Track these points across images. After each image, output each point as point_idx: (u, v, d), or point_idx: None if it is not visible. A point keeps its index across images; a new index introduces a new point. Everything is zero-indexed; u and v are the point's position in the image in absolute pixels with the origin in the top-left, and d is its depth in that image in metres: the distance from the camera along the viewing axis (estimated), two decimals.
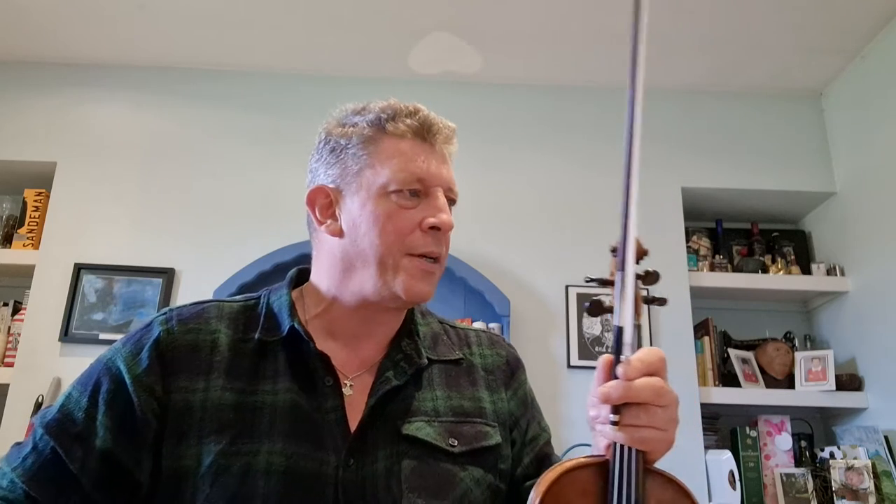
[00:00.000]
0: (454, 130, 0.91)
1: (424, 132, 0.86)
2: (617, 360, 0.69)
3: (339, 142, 0.88)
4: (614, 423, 0.67)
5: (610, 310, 0.72)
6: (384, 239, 0.82)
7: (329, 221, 0.87)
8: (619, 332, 0.70)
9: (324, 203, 0.88)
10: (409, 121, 0.86)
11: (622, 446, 0.68)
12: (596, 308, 0.73)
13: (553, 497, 0.67)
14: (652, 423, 0.68)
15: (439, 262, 0.86)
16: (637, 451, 0.68)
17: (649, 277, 0.78)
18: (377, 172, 0.84)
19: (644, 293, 0.77)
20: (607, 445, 0.70)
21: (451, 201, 0.88)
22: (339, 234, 0.86)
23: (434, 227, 0.83)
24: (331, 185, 0.88)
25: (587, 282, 0.80)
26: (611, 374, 0.69)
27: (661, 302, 0.80)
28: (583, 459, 0.70)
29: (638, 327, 0.74)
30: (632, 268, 0.71)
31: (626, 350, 0.70)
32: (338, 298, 0.87)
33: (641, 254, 0.79)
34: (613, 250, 0.73)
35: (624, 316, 0.70)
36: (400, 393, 0.84)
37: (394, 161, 0.84)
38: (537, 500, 0.67)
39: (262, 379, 0.81)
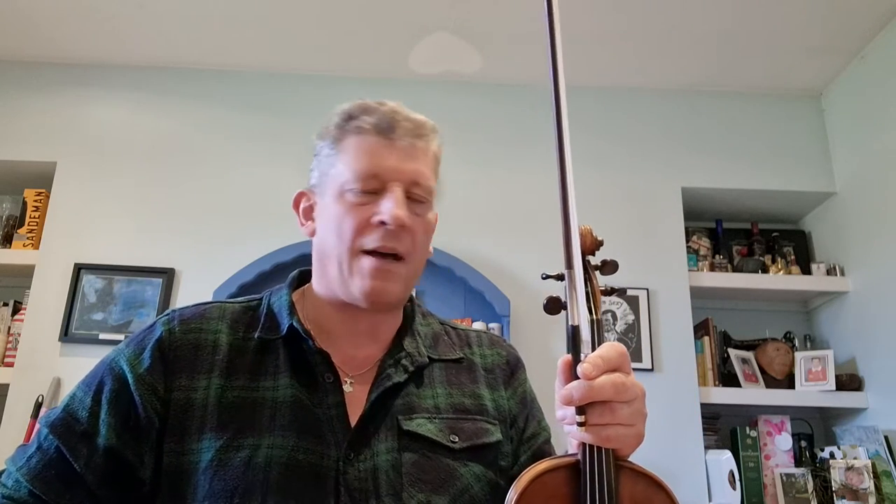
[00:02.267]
0: (423, 124, 0.88)
1: (385, 127, 0.85)
2: (576, 360, 0.68)
3: (316, 145, 0.91)
4: (580, 424, 0.67)
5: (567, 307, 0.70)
6: (340, 237, 0.83)
7: (308, 223, 0.91)
8: (574, 330, 0.69)
9: (306, 206, 0.92)
10: (369, 118, 0.86)
11: (591, 445, 0.67)
12: (553, 306, 0.72)
13: (527, 500, 0.67)
14: (617, 421, 0.67)
15: (401, 259, 0.84)
16: (606, 448, 0.68)
17: (607, 267, 0.76)
18: (340, 172, 0.85)
19: (604, 286, 0.76)
20: (578, 444, 0.69)
21: (420, 198, 0.86)
22: (313, 234, 0.89)
23: (382, 223, 0.82)
24: (311, 188, 0.91)
25: (544, 279, 0.78)
26: (572, 375, 0.68)
27: (621, 292, 0.80)
28: (555, 461, 0.70)
29: (598, 322, 0.72)
30: (579, 264, 0.70)
31: (585, 348, 0.68)
32: (325, 298, 0.88)
33: (595, 245, 0.78)
34: None
35: (577, 314, 0.69)
36: (401, 390, 0.85)
37: (352, 158, 0.85)
38: None
39: (264, 376, 0.82)
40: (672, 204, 2.57)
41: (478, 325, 2.28)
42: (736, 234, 2.76)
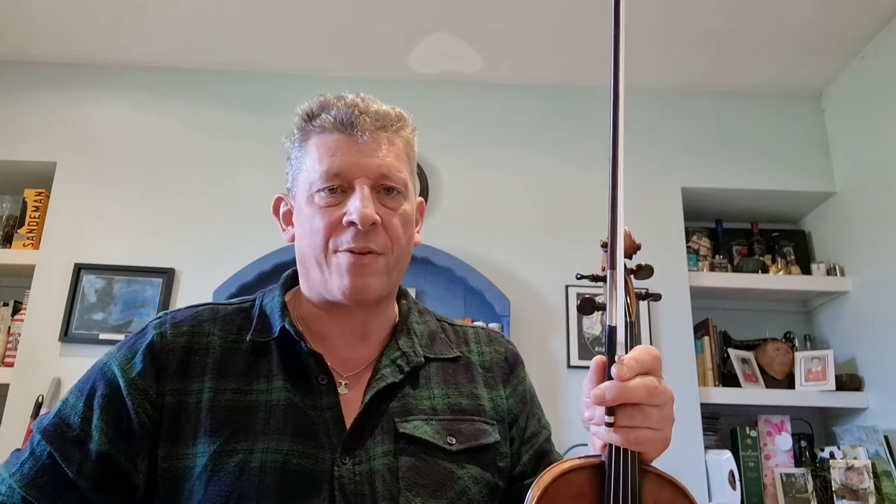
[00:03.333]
0: (387, 114, 0.85)
1: (346, 123, 0.83)
2: (610, 361, 0.68)
3: (286, 147, 0.90)
4: (609, 425, 0.67)
5: (602, 307, 0.70)
6: (313, 240, 0.83)
7: (288, 228, 0.91)
8: (612, 331, 0.69)
9: (285, 211, 0.92)
10: (329, 114, 0.84)
11: (617, 447, 0.67)
12: (587, 306, 0.72)
13: (548, 499, 0.67)
14: (647, 424, 0.67)
15: (379, 253, 0.82)
16: (633, 451, 0.68)
17: (642, 272, 0.76)
18: (308, 173, 0.84)
19: (639, 289, 0.76)
20: (603, 445, 0.69)
21: (391, 189, 0.83)
22: (293, 240, 0.89)
23: (352, 223, 0.80)
24: (287, 193, 0.91)
25: (578, 279, 0.78)
26: (605, 375, 0.68)
27: (656, 297, 0.79)
28: (578, 461, 0.70)
29: (633, 324, 0.73)
30: (621, 266, 0.70)
31: (620, 350, 0.68)
32: (312, 301, 0.88)
33: (633, 248, 0.77)
34: (604, 245, 0.71)
35: (616, 315, 0.69)
36: (397, 392, 0.84)
37: (316, 159, 0.83)
38: (533, 503, 0.67)
39: (257, 378, 0.81)
40: (672, 204, 2.57)
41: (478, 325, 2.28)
42: (736, 234, 2.76)
